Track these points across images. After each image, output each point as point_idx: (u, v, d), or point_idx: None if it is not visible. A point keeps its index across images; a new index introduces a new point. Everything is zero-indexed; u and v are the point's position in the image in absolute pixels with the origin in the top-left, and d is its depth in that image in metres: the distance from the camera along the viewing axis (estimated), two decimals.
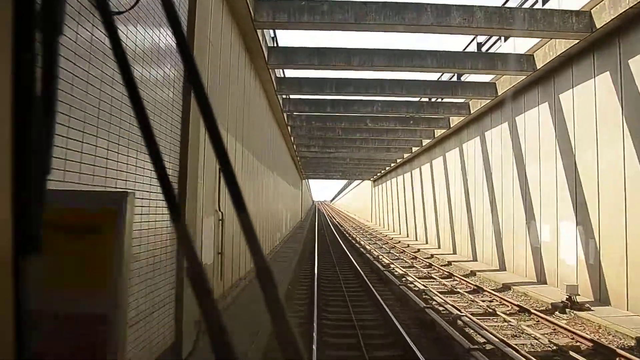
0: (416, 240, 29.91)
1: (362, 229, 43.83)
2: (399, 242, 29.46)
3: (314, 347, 6.98)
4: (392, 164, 36.11)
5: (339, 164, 37.74)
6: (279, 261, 15.65)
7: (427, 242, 27.33)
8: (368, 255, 21.16)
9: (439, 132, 22.88)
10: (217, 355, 0.65)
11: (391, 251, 24.69)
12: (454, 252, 21.95)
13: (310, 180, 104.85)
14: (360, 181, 64.25)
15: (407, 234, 33.32)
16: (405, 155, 30.94)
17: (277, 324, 0.67)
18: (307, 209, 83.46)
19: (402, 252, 23.85)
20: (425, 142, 25.27)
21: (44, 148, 0.65)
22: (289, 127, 22.19)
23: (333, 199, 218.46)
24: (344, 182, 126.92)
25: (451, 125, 20.89)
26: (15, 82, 0.60)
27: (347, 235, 35.00)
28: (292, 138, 25.32)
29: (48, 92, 0.64)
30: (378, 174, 45.63)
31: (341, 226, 45.86)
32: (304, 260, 18.79)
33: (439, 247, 24.38)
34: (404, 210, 34.70)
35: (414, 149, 28.21)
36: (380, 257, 20.79)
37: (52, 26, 0.66)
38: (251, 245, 0.69)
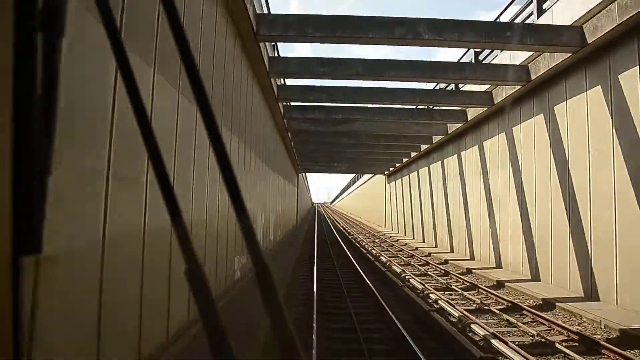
0: (466, 256, 19.08)
1: (381, 240, 32.78)
2: (449, 263, 18.52)
3: None
4: (424, 146, 25.22)
5: (348, 146, 26.87)
6: None
7: (493, 263, 16.45)
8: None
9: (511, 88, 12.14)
10: (215, 356, 0.65)
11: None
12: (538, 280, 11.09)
13: (308, 181, 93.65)
14: (370, 176, 53.06)
15: (450, 248, 22.41)
16: (452, 130, 20.14)
17: (276, 326, 0.67)
18: (305, 211, 72.54)
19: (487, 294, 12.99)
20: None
21: (44, 148, 0.64)
22: (265, 60, 11.42)
23: (334, 200, 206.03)
24: (347, 182, 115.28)
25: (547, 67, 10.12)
26: (16, 83, 0.60)
27: (369, 256, 23.94)
28: (275, 92, 14.58)
29: (49, 92, 0.64)
30: (397, 165, 34.69)
31: (349, 235, 34.69)
32: None
33: (512, 271, 13.53)
34: (444, 213, 23.81)
35: (471, 113, 17.43)
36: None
37: (54, 27, 0.65)
38: (251, 247, 0.70)
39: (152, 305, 4.19)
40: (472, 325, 8.57)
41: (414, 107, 19.08)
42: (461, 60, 16.36)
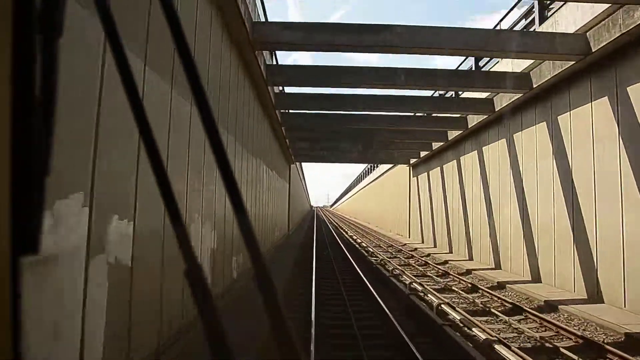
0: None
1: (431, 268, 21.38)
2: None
3: None
4: (498, 104, 13.98)
5: (364, 106, 15.62)
6: None
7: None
8: None
9: None
10: (215, 356, 0.65)
11: None
12: None
13: (307, 181, 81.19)
14: (386, 168, 41.37)
15: (556, 282, 11.11)
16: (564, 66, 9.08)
17: (275, 326, 0.67)
18: (301, 216, 61.51)
19: None
20: None
21: (44, 149, 0.65)
22: None
23: (334, 203, 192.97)
24: (351, 182, 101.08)
25: None
26: (14, 83, 0.61)
27: None
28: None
29: (48, 92, 0.64)
30: (434, 146, 23.38)
31: (369, 255, 23.05)
32: None
33: None
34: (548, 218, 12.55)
35: None
36: None
37: (52, 26, 0.65)
38: (251, 249, 0.70)
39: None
40: None
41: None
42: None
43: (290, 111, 18.14)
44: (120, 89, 0.73)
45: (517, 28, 13.85)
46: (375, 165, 47.90)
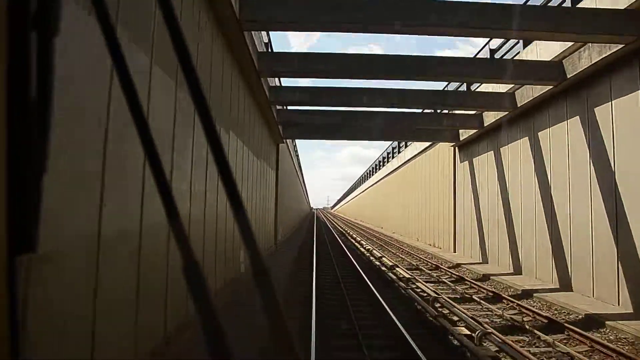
0: None
1: None
2: None
3: None
4: None
5: None
6: None
7: None
8: None
9: None
10: (213, 355, 0.64)
11: None
12: None
13: (305, 179, 69.82)
14: (414, 152, 30.73)
15: None
16: None
17: (274, 325, 0.65)
18: (298, 217, 51.74)
19: None
20: None
21: (40, 147, 0.64)
22: None
23: (336, 204, 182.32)
24: (354, 182, 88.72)
25: None
26: (10, 82, 0.60)
27: None
28: None
29: (44, 91, 0.63)
30: (508, 111, 13.44)
31: (440, 308, 13.05)
32: None
33: None
34: None
35: None
36: None
37: (48, 26, 0.63)
38: (249, 245, 0.68)
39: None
40: None
41: None
42: None
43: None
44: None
45: None
46: (397, 151, 37.38)
